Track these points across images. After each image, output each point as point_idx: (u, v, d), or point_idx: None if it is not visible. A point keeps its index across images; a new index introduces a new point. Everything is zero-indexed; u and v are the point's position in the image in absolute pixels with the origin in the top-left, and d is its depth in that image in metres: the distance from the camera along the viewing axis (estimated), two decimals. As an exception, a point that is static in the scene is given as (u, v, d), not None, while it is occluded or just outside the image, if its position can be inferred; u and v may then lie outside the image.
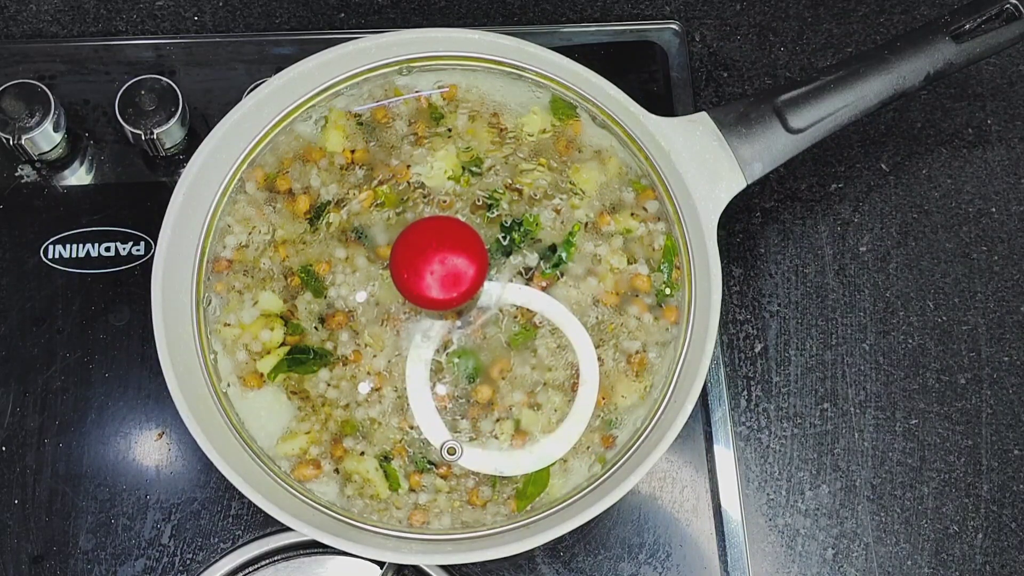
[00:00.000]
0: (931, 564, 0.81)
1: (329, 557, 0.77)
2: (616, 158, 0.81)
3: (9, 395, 0.81)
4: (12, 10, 0.93)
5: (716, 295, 0.74)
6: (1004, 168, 0.92)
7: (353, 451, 0.75)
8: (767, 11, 0.97)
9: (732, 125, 0.76)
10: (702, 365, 0.72)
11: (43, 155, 0.86)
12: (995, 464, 0.84)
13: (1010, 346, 0.87)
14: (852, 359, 0.86)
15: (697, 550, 0.80)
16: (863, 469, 0.83)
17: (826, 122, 0.76)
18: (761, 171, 0.76)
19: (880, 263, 0.89)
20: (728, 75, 0.94)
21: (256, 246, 0.79)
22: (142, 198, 0.86)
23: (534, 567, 0.79)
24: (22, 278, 0.84)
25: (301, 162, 0.80)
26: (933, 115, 0.93)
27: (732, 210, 0.77)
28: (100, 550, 0.78)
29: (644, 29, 0.95)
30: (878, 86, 0.76)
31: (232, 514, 0.79)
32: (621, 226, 0.78)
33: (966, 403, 0.85)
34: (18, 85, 0.85)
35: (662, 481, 0.81)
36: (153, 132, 0.85)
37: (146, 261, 0.84)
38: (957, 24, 0.77)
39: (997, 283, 0.89)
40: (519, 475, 0.75)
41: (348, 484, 0.75)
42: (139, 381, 0.81)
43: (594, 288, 0.77)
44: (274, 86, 0.78)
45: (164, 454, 0.80)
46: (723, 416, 0.83)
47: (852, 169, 0.92)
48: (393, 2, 0.95)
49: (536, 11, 0.96)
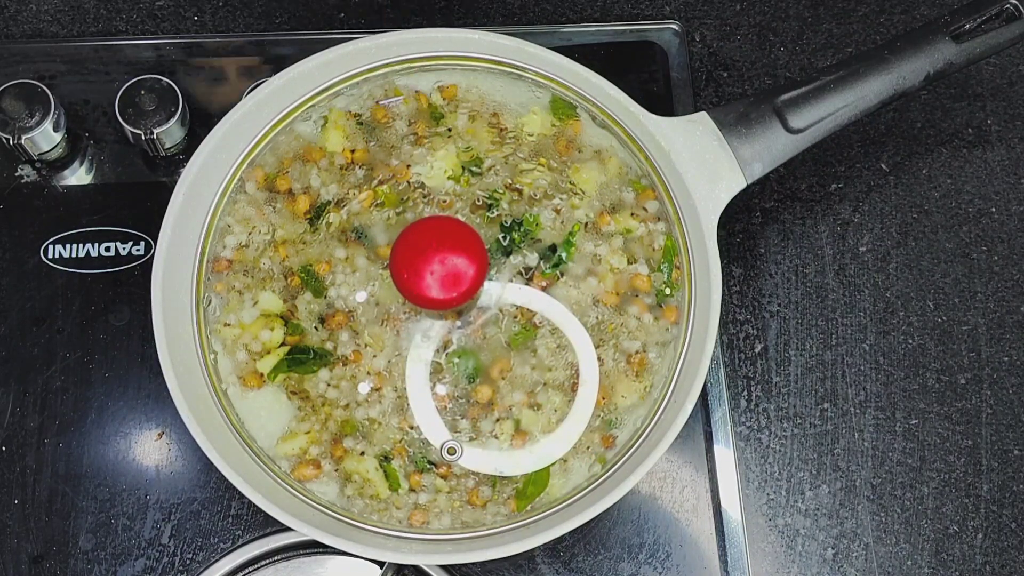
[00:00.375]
0: (931, 564, 0.81)
1: (329, 557, 0.77)
2: (616, 158, 0.81)
3: (9, 395, 0.81)
4: (12, 10, 0.93)
5: (716, 295, 0.74)
6: (1004, 168, 0.92)
7: (353, 451, 0.75)
8: (767, 11, 0.97)
9: (732, 125, 0.76)
10: (702, 365, 0.72)
11: (43, 155, 0.86)
12: (995, 464, 0.84)
13: (1010, 346, 0.87)
14: (852, 359, 0.86)
15: (697, 550, 0.80)
16: (863, 469, 0.83)
17: (826, 122, 0.76)
18: (761, 171, 0.76)
19: (880, 263, 0.89)
20: (728, 75, 0.94)
21: (256, 246, 0.79)
22: (142, 198, 0.86)
23: (534, 567, 0.79)
24: (22, 278, 0.84)
25: (301, 162, 0.80)
26: (933, 115, 0.93)
27: (732, 210, 0.77)
28: (100, 550, 0.78)
29: (644, 29, 0.95)
30: (878, 86, 0.76)
31: (232, 514, 0.79)
32: (621, 226, 0.78)
33: (966, 403, 0.85)
34: (18, 85, 0.85)
35: (662, 481, 0.81)
36: (153, 132, 0.85)
37: (146, 261, 0.84)
38: (957, 24, 0.77)
39: (997, 283, 0.89)
40: (519, 475, 0.75)
41: (348, 484, 0.75)
42: (139, 381, 0.81)
43: (594, 288, 0.77)
44: (274, 86, 0.78)
45: (164, 454, 0.80)
46: (723, 416, 0.83)
47: (852, 169, 0.92)
48: (393, 2, 0.95)
49: (536, 11, 0.96)
